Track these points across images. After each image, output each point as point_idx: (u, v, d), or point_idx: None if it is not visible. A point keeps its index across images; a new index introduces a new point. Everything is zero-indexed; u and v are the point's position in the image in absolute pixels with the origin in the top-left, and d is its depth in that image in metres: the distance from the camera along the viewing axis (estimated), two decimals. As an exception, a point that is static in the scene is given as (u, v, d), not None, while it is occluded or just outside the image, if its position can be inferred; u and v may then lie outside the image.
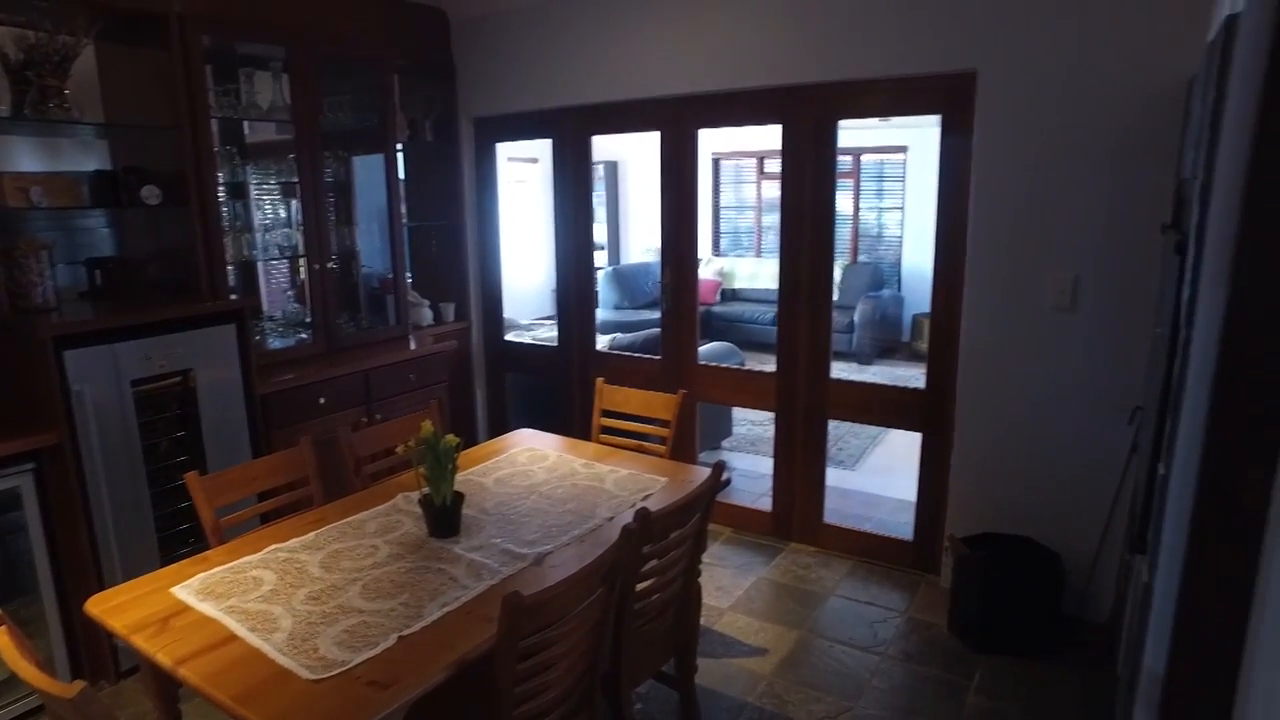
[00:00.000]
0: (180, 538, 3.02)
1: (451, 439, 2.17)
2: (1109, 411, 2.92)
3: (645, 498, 2.41)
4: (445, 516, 2.17)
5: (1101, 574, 3.04)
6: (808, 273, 3.64)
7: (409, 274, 4.64)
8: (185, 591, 1.88)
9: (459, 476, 2.52)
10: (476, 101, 4.55)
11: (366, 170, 4.15)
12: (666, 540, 1.97)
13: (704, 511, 2.13)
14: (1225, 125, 1.47)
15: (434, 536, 2.17)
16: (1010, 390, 3.16)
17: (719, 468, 2.17)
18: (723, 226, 10.06)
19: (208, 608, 1.80)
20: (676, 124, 3.92)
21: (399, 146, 4.26)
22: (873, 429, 5.54)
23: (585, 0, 3.99)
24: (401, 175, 4.47)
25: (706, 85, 3.71)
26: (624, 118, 4.12)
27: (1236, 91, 1.46)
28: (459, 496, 2.20)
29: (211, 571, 1.98)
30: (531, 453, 2.87)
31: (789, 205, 3.66)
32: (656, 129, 3.99)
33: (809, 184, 3.58)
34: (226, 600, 1.83)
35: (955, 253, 3.23)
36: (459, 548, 2.10)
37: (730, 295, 9.15)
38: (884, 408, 3.67)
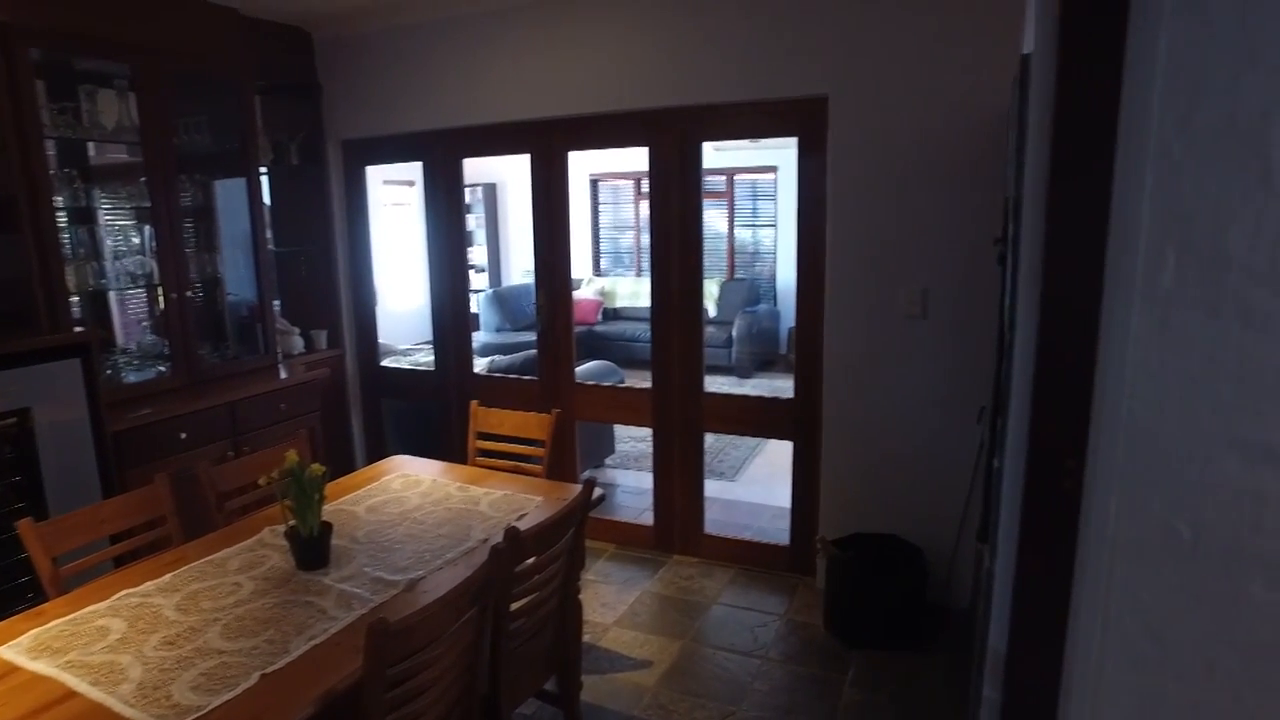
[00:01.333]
0: (18, 592, 2.79)
1: (317, 468, 2.12)
2: (960, 412, 3.14)
3: (520, 517, 2.42)
4: (313, 548, 2.11)
5: (961, 565, 3.26)
6: (679, 290, 3.75)
7: (278, 301, 4.48)
8: (13, 651, 1.73)
9: (329, 507, 2.46)
10: (344, 124, 4.46)
11: (229, 194, 3.99)
12: (539, 558, 1.99)
13: (577, 527, 2.16)
14: (1028, 149, 1.64)
15: (302, 569, 2.11)
16: (871, 396, 3.36)
17: (589, 485, 2.21)
18: (603, 247, 10.17)
19: (41, 666, 1.67)
20: (546, 146, 3.97)
21: (263, 169, 4.12)
22: (753, 440, 5.72)
23: (451, 23, 3.99)
24: (268, 199, 4.33)
25: (575, 108, 3.78)
26: (494, 140, 4.14)
27: (1033, 120, 1.64)
28: (327, 527, 2.15)
29: (47, 626, 1.84)
30: (406, 478, 2.83)
31: (658, 225, 3.77)
32: (527, 151, 4.03)
33: (676, 204, 3.69)
34: (64, 655, 1.71)
35: (816, 268, 3.41)
36: (328, 579, 2.05)
37: (612, 314, 9.26)
38: (757, 419, 3.82)
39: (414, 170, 7.60)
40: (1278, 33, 1.18)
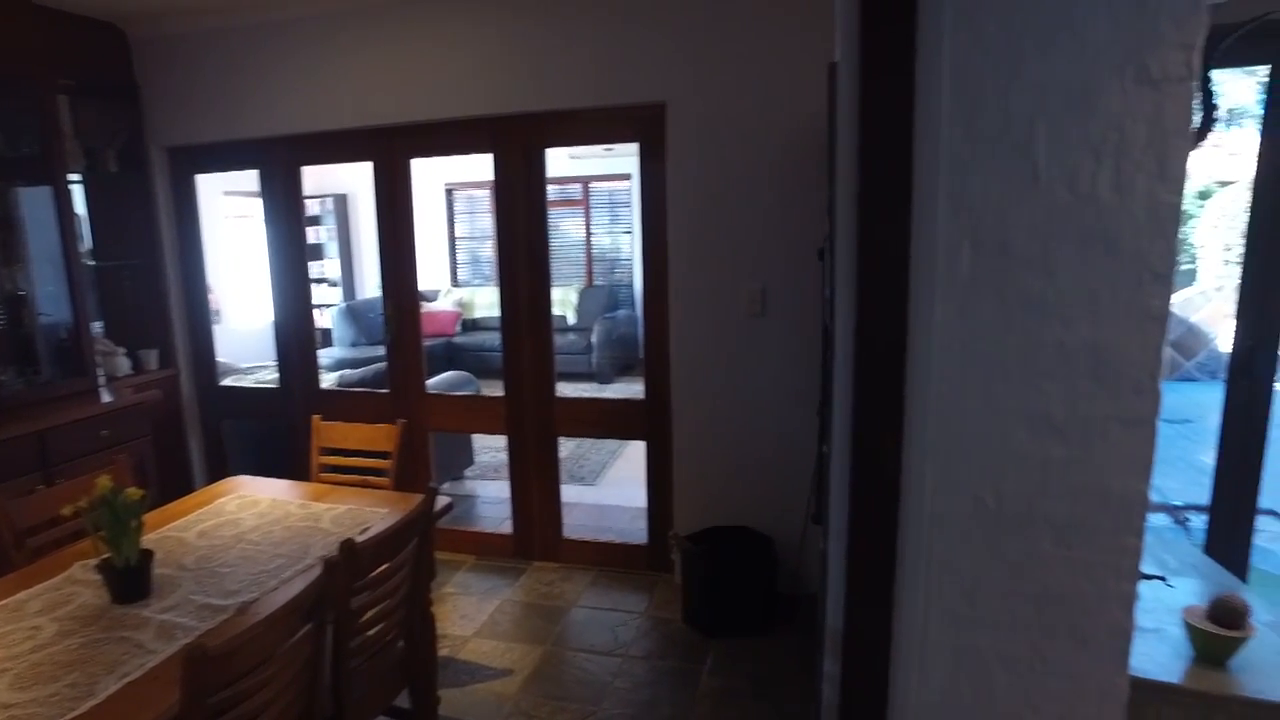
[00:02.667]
0: None
1: (134, 492, 1.97)
2: (803, 404, 3.29)
3: (363, 531, 2.34)
4: (130, 579, 1.96)
5: (808, 551, 3.41)
6: (528, 297, 3.75)
7: (100, 320, 4.14)
8: None
9: (154, 535, 2.30)
10: (169, 129, 4.18)
11: (36, 204, 3.65)
12: (381, 569, 1.93)
13: (422, 537, 2.11)
14: (838, 151, 1.75)
15: (118, 603, 1.95)
16: (718, 394, 3.47)
17: (431, 493, 2.16)
18: (461, 257, 10.01)
19: None
20: (389, 154, 3.87)
21: (76, 177, 3.80)
22: (614, 443, 5.78)
23: (283, 25, 3.83)
24: (82, 209, 3.99)
25: (416, 115, 3.71)
26: (334, 148, 3.99)
27: (842, 124, 1.75)
28: (147, 555, 2.00)
29: None
30: (243, 499, 2.68)
31: (504, 233, 3.75)
32: (369, 159, 3.91)
33: (522, 211, 3.69)
34: None
35: (660, 271, 3.50)
36: (148, 611, 1.91)
37: (471, 325, 9.11)
38: (610, 421, 3.86)
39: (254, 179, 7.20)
40: (1037, 50, 1.33)
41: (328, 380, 4.58)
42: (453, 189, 9.62)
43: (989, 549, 1.49)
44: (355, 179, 9.08)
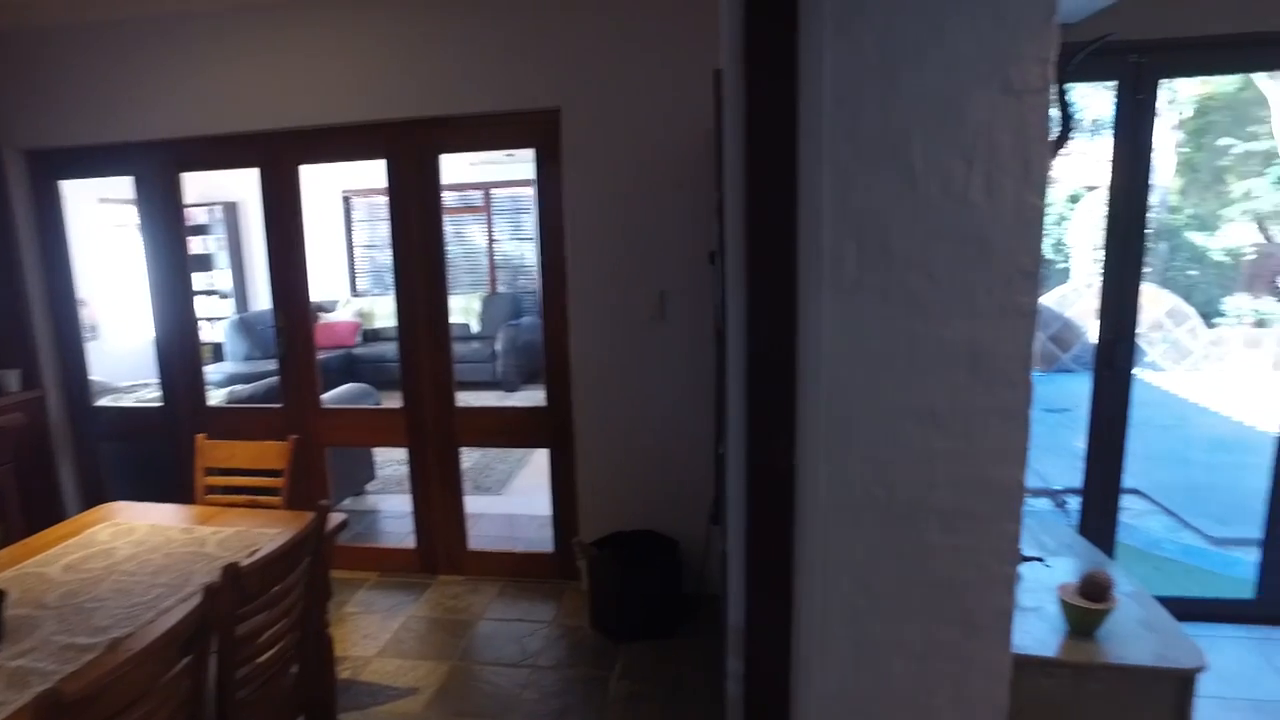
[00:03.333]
0: None
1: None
2: (703, 406, 3.33)
3: (252, 554, 2.23)
4: (-16, 621, 1.81)
5: (713, 552, 3.45)
6: (425, 306, 3.67)
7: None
8: None
9: (9, 572, 2.14)
10: (26, 131, 3.88)
11: None
12: (269, 593, 1.84)
13: (315, 556, 2.03)
14: (725, 156, 1.77)
15: (-30, 648, 1.79)
16: (619, 398, 3.48)
17: (323, 510, 2.08)
18: (361, 266, 9.70)
19: None
20: (276, 160, 3.71)
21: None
22: (520, 452, 5.71)
23: (158, 20, 3.62)
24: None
25: (305, 119, 3.58)
26: (217, 153, 3.80)
27: (728, 129, 1.78)
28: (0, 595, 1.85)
29: None
30: (117, 527, 2.51)
31: (400, 241, 3.66)
32: (255, 165, 3.74)
33: (418, 219, 3.61)
34: None
35: (558, 276, 3.48)
36: None
37: (372, 336, 8.85)
38: (513, 429, 3.81)
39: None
40: (911, 63, 1.38)
41: (216, 397, 4.35)
42: (350, 196, 9.32)
43: (882, 541, 1.54)
44: (245, 186, 8.68)
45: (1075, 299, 9.68)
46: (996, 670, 1.55)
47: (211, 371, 7.64)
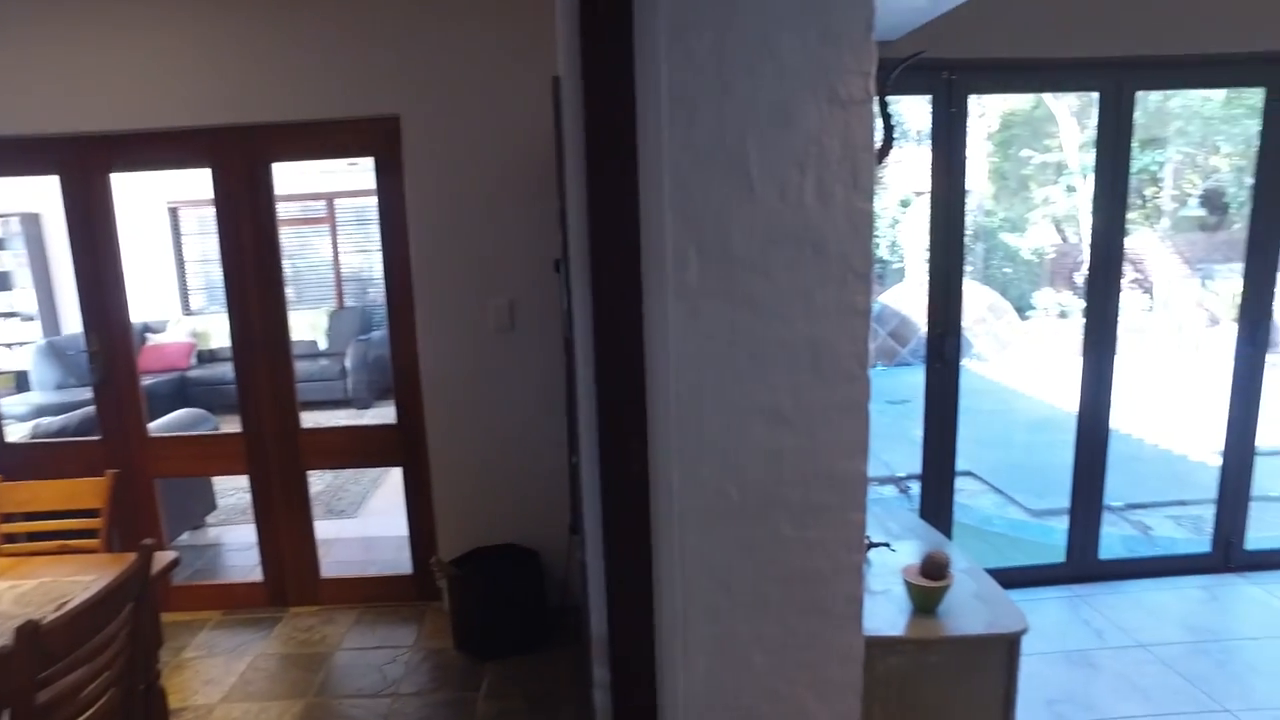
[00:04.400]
0: None
1: None
2: (556, 415, 3.30)
3: (59, 607, 2.01)
4: None
5: (575, 562, 3.43)
6: (262, 323, 3.44)
7: None
8: None
9: None
10: None
11: None
12: (81, 649, 1.66)
13: (137, 602, 1.85)
14: (566, 164, 1.77)
15: None
16: (473, 411, 3.40)
17: (146, 551, 1.90)
18: (197, 282, 9.01)
19: None
20: (82, 167, 3.37)
21: None
22: (376, 471, 5.48)
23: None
24: None
25: (116, 123, 3.26)
26: (5, 159, 3.41)
27: (568, 137, 1.77)
28: None
29: None
30: (-106, 589, 2.19)
31: (231, 255, 3.41)
32: (54, 173, 3.38)
33: (249, 230, 3.39)
34: None
35: (404, 287, 3.36)
36: None
37: (208, 357, 8.24)
38: (363, 449, 3.65)
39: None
40: (744, 72, 1.42)
41: (19, 431, 3.91)
42: (177, 207, 8.65)
43: (737, 539, 1.57)
44: (48, 196, 7.87)
45: (911, 297, 10.37)
46: (850, 654, 1.61)
47: (13, 403, 6.88)
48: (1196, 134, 11.33)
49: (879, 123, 1.93)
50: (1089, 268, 3.54)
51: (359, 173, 8.16)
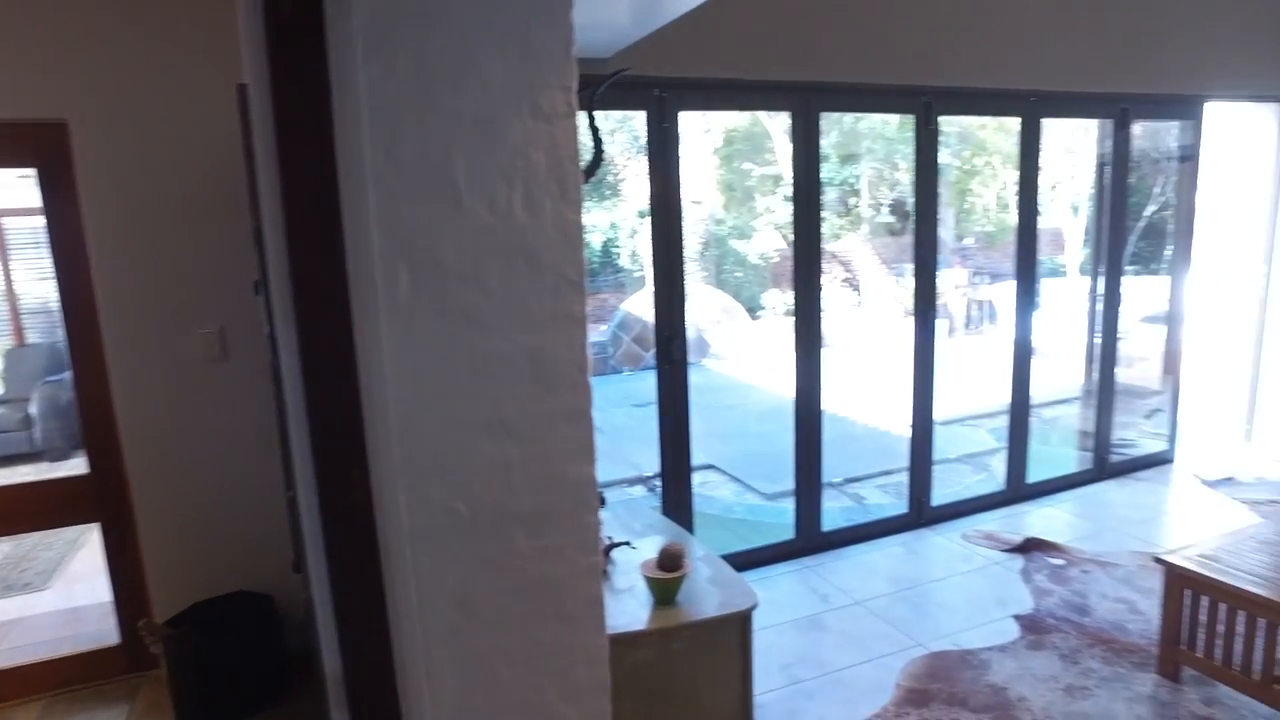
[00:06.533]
0: None
1: None
2: (274, 447, 3.06)
3: None
4: None
5: (306, 601, 3.20)
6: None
7: None
8: None
9: None
10: None
11: None
12: None
13: None
14: (260, 177, 1.64)
15: None
16: (183, 452, 3.07)
17: None
18: None
19: None
20: None
21: None
22: (73, 531, 4.74)
23: None
24: None
25: None
26: None
27: (260, 149, 1.65)
28: None
29: None
30: None
31: None
32: None
33: None
34: None
35: (89, 320, 2.95)
36: None
37: None
38: (41, 508, 3.12)
39: None
40: (448, 86, 1.40)
41: None
42: None
43: (471, 556, 1.55)
44: None
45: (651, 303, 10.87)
46: (596, 655, 1.65)
47: None
48: (881, 151, 13.07)
49: (589, 137, 2.00)
50: (793, 270, 3.95)
51: (34, 187, 7.05)
